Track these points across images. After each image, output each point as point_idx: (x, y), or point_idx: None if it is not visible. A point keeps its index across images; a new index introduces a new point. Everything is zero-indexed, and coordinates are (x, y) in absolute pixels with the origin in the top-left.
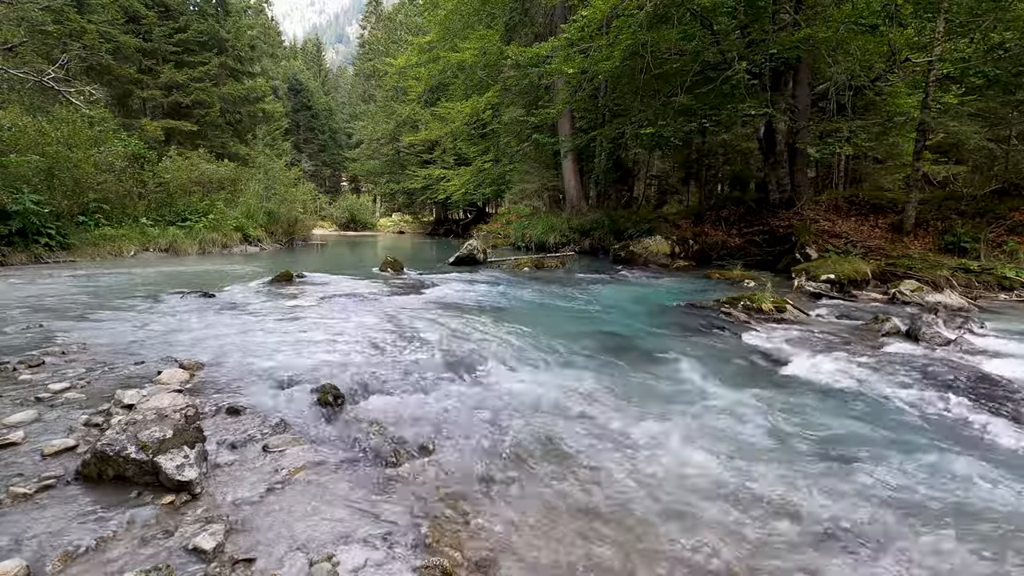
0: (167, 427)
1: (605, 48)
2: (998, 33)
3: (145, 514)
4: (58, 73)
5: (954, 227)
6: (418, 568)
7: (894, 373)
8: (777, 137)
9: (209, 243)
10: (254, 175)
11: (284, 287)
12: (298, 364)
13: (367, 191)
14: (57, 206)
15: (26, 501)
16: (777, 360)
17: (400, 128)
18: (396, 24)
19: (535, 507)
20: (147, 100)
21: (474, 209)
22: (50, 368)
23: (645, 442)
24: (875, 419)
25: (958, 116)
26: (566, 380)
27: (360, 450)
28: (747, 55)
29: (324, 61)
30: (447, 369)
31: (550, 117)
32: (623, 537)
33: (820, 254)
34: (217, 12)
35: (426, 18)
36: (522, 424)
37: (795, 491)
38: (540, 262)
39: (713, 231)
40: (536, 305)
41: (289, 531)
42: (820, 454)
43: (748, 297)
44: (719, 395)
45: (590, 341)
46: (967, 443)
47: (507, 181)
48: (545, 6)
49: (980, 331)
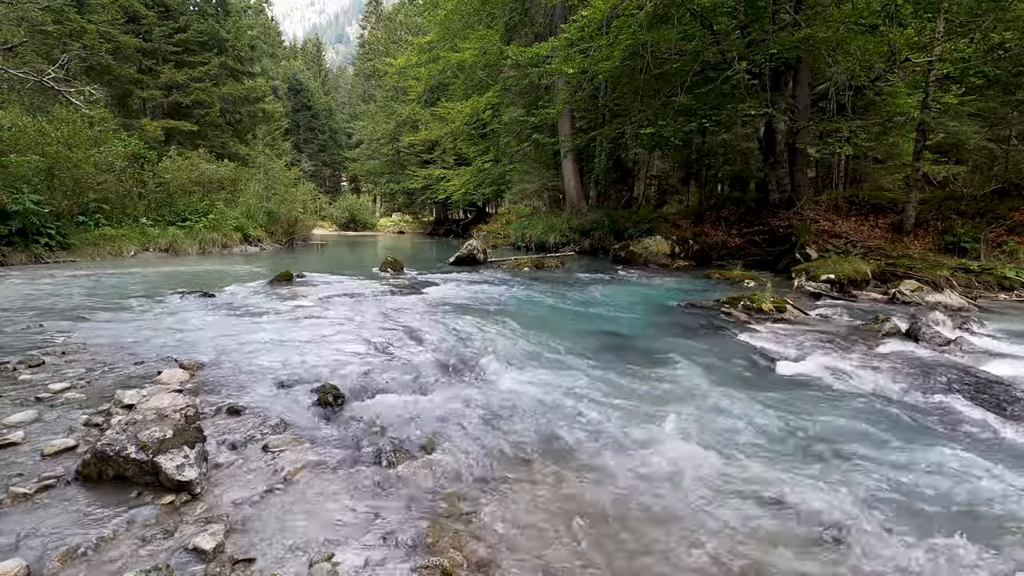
0: (167, 427)
1: (605, 48)
2: (998, 33)
3: (145, 514)
4: (58, 73)
5: (954, 227)
6: (418, 568)
7: (894, 373)
8: (777, 137)
9: (209, 243)
10: (254, 175)
11: (284, 287)
12: (298, 364)
13: (367, 191)
14: (57, 206)
15: (26, 501)
16: (777, 360)
17: (400, 128)
18: (396, 24)
19: (535, 507)
20: (147, 100)
21: (474, 209)
22: (50, 368)
23: (645, 441)
24: (875, 419)
25: (958, 116)
26: (566, 380)
27: (360, 450)
28: (747, 55)
29: (324, 61)
30: (447, 369)
31: (550, 117)
32: (623, 536)
33: (820, 254)
34: (217, 12)
35: (426, 18)
36: (522, 424)
37: (795, 490)
38: (540, 262)
39: (713, 231)
40: (536, 305)
41: (289, 531)
42: (820, 454)
43: (748, 297)
44: (719, 395)
45: (590, 341)
46: (967, 443)
47: (507, 181)
48: (545, 6)
49: (980, 331)
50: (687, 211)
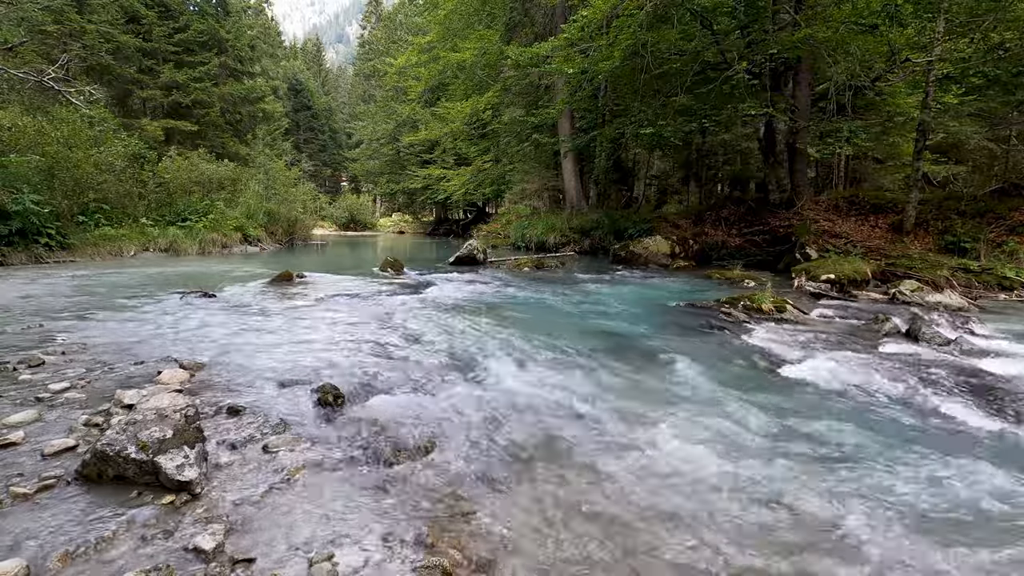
0: (167, 427)
1: (605, 48)
2: (998, 33)
3: (145, 514)
4: (58, 73)
5: (954, 227)
6: (418, 568)
7: (894, 373)
8: (777, 137)
9: (209, 243)
10: (254, 175)
11: (284, 287)
12: (298, 364)
13: (367, 191)
14: (57, 206)
15: (26, 501)
16: (777, 360)
17: (400, 128)
18: (396, 24)
19: (535, 507)
20: (147, 100)
21: (474, 209)
22: (50, 368)
23: (645, 442)
24: (875, 419)
25: (958, 116)
26: (566, 380)
27: (360, 450)
28: (747, 55)
29: (324, 61)
30: (447, 369)
31: (550, 117)
32: (623, 536)
33: (820, 254)
34: (217, 12)
35: (426, 18)
36: (522, 423)
37: (794, 491)
38: (540, 262)
39: (713, 231)
40: (536, 305)
41: (289, 531)
42: (819, 454)
43: (748, 297)
44: (719, 395)
45: (590, 341)
46: (967, 443)
47: (507, 181)
48: (545, 6)
49: (980, 331)
50: (687, 211)
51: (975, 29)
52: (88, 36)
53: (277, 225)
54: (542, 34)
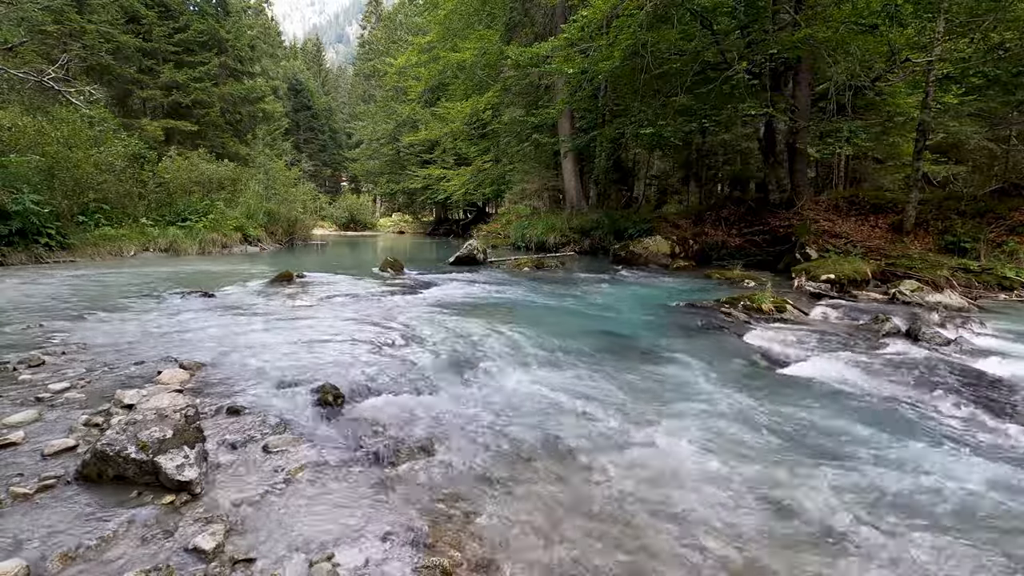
0: (167, 427)
1: (605, 48)
2: (998, 33)
3: (145, 514)
4: (58, 73)
5: (954, 227)
6: (418, 568)
7: (894, 373)
8: (777, 137)
9: (209, 243)
10: (254, 175)
11: (284, 287)
12: (298, 364)
13: (367, 191)
14: (57, 206)
15: (26, 501)
16: (777, 360)
17: (400, 128)
18: (396, 24)
19: (535, 507)
20: (147, 100)
21: (474, 209)
22: (50, 368)
23: (645, 442)
24: (874, 419)
25: (958, 116)
26: (566, 380)
27: (360, 450)
28: (747, 55)
29: (324, 61)
30: (447, 369)
31: (550, 117)
32: (623, 536)
33: (820, 254)
34: (217, 12)
35: (426, 18)
36: (522, 424)
37: (794, 490)
38: (540, 262)
39: (713, 231)
40: (536, 305)
41: (289, 531)
42: (819, 454)
43: (748, 297)
44: (719, 395)
45: (590, 341)
46: (966, 443)
47: (507, 181)
48: (545, 6)
49: (980, 331)
50: (687, 211)
51: (975, 29)
52: (88, 36)
53: (277, 225)
54: (542, 34)
